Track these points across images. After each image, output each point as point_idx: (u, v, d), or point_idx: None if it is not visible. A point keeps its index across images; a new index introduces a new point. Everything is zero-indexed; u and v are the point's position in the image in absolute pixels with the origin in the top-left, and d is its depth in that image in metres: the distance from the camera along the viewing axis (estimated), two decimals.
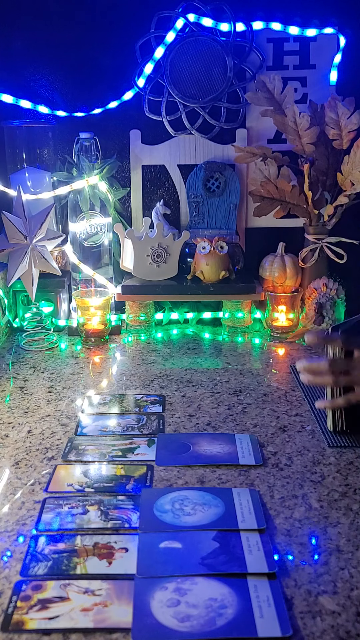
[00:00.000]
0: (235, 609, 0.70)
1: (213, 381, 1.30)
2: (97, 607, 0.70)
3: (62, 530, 0.83)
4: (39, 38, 1.58)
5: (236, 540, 0.81)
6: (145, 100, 1.60)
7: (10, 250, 1.45)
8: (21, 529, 0.84)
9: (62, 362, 1.41)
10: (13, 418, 1.15)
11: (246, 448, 1.03)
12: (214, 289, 1.53)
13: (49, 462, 1.00)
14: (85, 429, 1.11)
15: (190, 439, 1.07)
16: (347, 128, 1.47)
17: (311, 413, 1.15)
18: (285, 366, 1.38)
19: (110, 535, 0.82)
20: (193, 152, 1.64)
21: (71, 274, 1.61)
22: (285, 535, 0.82)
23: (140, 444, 1.05)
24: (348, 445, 1.04)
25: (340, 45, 1.57)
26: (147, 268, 1.55)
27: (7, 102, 1.57)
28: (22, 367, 1.38)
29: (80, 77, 1.61)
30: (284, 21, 1.55)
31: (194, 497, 0.90)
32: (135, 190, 1.67)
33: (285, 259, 1.57)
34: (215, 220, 1.65)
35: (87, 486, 0.93)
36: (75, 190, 1.53)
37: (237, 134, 1.63)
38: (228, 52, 1.55)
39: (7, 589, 0.73)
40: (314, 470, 0.97)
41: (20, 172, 1.57)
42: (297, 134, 1.50)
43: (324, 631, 0.67)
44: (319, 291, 1.52)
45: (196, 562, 0.77)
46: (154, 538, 0.81)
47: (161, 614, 0.69)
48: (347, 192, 1.47)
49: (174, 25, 1.54)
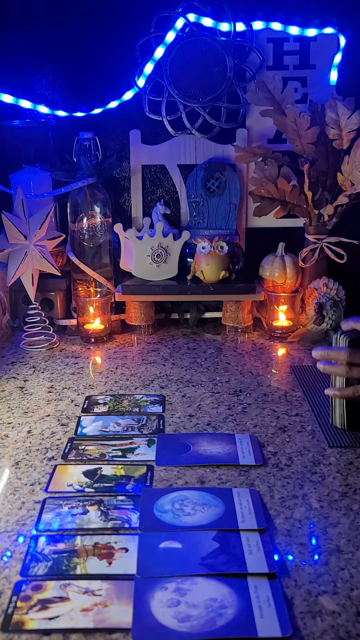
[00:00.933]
0: (236, 609, 0.70)
1: (213, 381, 1.30)
2: (97, 607, 0.70)
3: (62, 531, 0.83)
4: (39, 38, 1.58)
5: (236, 540, 0.81)
6: (145, 100, 1.60)
7: (10, 250, 1.45)
8: (21, 529, 0.84)
9: (62, 362, 1.41)
10: (13, 418, 1.15)
11: (246, 448, 1.03)
12: (214, 289, 1.53)
13: (49, 462, 1.00)
14: (85, 429, 1.11)
15: (191, 439, 1.07)
16: (347, 128, 1.47)
17: (311, 413, 1.15)
18: (285, 366, 1.38)
19: (110, 535, 0.82)
20: (193, 152, 1.64)
21: (71, 274, 1.61)
22: (285, 536, 0.82)
23: (140, 444, 1.05)
24: (348, 445, 1.04)
25: (340, 45, 1.57)
26: (147, 268, 1.55)
27: (7, 102, 1.57)
28: (22, 367, 1.38)
29: (80, 77, 1.61)
30: (284, 21, 1.56)
31: (194, 497, 0.90)
32: (135, 190, 1.67)
33: (285, 259, 1.57)
34: (215, 220, 1.65)
35: (87, 486, 0.93)
36: (75, 190, 1.53)
37: (237, 134, 1.63)
38: (228, 52, 1.55)
39: (7, 589, 0.73)
40: (314, 471, 0.97)
41: (20, 172, 1.57)
42: (297, 134, 1.50)
43: (324, 631, 0.67)
44: (319, 291, 1.52)
45: (196, 562, 0.77)
46: (154, 538, 0.81)
47: (161, 614, 0.69)
48: (347, 192, 1.47)
49: (174, 25, 1.54)
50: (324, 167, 1.54)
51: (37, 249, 1.46)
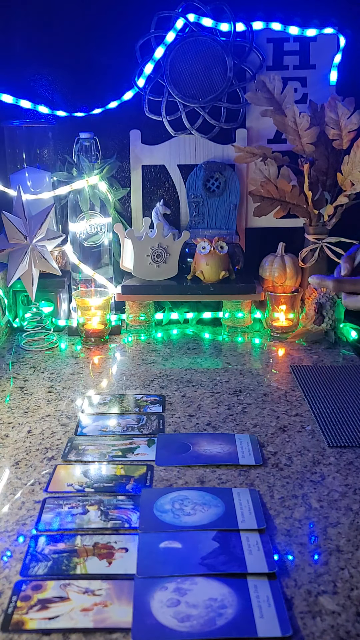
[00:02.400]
0: (235, 609, 0.70)
1: (213, 381, 1.30)
2: (97, 607, 0.70)
3: (62, 530, 0.83)
4: (39, 38, 1.58)
5: (236, 540, 0.81)
6: (145, 100, 1.60)
7: (10, 250, 1.45)
8: (21, 529, 0.84)
9: (62, 362, 1.41)
10: (13, 418, 1.15)
11: (246, 448, 1.03)
12: (214, 289, 1.53)
13: (49, 462, 1.00)
14: (85, 429, 1.11)
15: (191, 439, 1.07)
16: (347, 128, 1.47)
17: (311, 413, 1.15)
18: (285, 366, 1.38)
19: (110, 535, 0.82)
20: (193, 152, 1.64)
21: (71, 274, 1.61)
22: (285, 535, 0.82)
23: (140, 444, 1.05)
24: (348, 445, 1.04)
25: (340, 45, 1.57)
26: (147, 268, 1.55)
27: (7, 102, 1.57)
28: (22, 367, 1.38)
29: (80, 77, 1.61)
30: (284, 21, 1.55)
31: (194, 497, 0.90)
32: (135, 190, 1.67)
33: (285, 259, 1.57)
34: (215, 220, 1.65)
35: (87, 486, 0.93)
36: (75, 190, 1.53)
37: (237, 134, 1.63)
38: (228, 52, 1.55)
39: (7, 589, 0.73)
40: (314, 470, 0.97)
41: (20, 172, 1.57)
42: (297, 134, 1.50)
43: (324, 631, 0.67)
44: (319, 291, 1.52)
45: (196, 562, 0.77)
46: (154, 538, 0.81)
47: (161, 614, 0.69)
48: (347, 192, 1.47)
49: (174, 25, 1.54)
50: (324, 167, 1.54)
51: (37, 249, 1.46)
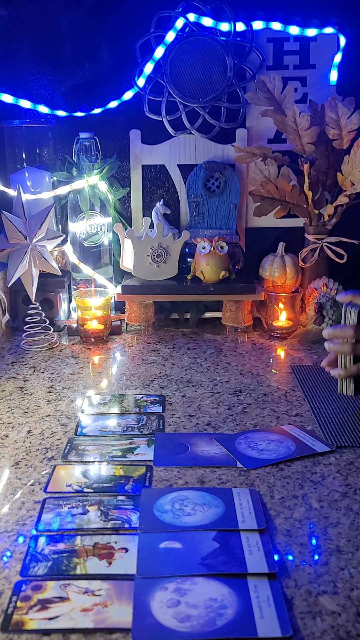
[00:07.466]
0: (235, 609, 0.70)
1: (213, 381, 1.30)
2: (97, 607, 0.70)
3: (62, 531, 0.83)
4: (39, 38, 1.57)
5: (236, 540, 0.81)
6: (145, 100, 1.60)
7: (10, 250, 1.45)
8: (21, 529, 0.84)
9: (62, 362, 1.41)
10: (13, 418, 1.15)
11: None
12: (214, 289, 1.53)
13: (48, 462, 1.00)
14: (85, 429, 1.11)
15: (189, 439, 1.07)
16: (347, 128, 1.47)
17: (311, 413, 1.15)
18: (285, 366, 1.38)
19: (110, 535, 0.82)
20: (193, 152, 1.64)
21: (71, 274, 1.61)
22: (285, 536, 0.82)
23: (140, 444, 1.05)
24: (348, 445, 1.04)
25: (340, 45, 1.57)
26: (147, 268, 1.55)
27: (7, 102, 1.57)
28: (22, 367, 1.38)
29: (80, 77, 1.61)
30: (284, 21, 1.55)
31: (194, 497, 0.90)
32: (135, 190, 1.67)
33: (285, 259, 1.57)
34: (215, 220, 1.65)
35: (85, 486, 0.93)
36: (75, 190, 1.53)
37: (237, 134, 1.63)
38: (228, 51, 1.55)
39: (7, 589, 0.73)
40: (314, 471, 0.97)
41: (20, 172, 1.57)
42: (297, 134, 1.50)
43: (324, 631, 0.67)
44: (319, 291, 1.52)
45: (196, 562, 0.77)
46: (154, 538, 0.81)
47: (161, 614, 0.69)
48: (347, 192, 1.47)
49: (174, 25, 1.54)
50: (324, 167, 1.54)
51: (37, 249, 1.46)
